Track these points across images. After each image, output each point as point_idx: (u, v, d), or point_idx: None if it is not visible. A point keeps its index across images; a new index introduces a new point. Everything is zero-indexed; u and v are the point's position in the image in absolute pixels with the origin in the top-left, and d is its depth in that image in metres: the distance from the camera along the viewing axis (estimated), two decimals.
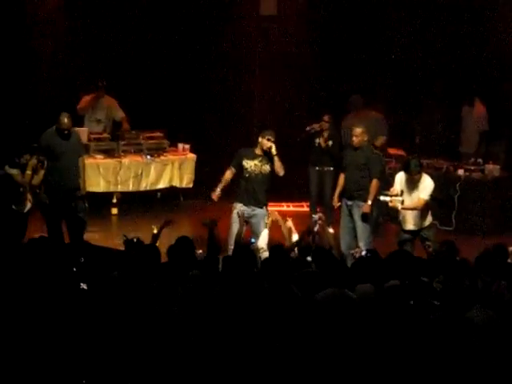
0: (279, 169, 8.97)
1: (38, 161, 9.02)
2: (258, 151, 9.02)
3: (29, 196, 9.02)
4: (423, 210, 8.84)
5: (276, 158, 8.94)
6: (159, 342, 5.05)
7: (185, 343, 5.04)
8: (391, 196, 8.76)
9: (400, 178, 8.95)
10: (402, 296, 5.84)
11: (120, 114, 12.00)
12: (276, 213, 8.64)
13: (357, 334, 5.17)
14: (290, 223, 8.19)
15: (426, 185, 8.83)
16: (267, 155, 8.95)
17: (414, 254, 7.62)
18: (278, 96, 12.74)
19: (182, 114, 12.66)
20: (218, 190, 9.03)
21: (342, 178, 9.51)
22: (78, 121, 11.63)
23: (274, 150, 8.92)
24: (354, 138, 9.29)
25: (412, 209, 8.80)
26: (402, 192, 8.73)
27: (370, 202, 9.15)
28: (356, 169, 9.28)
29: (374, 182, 9.21)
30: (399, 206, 8.73)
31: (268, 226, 8.50)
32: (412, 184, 8.82)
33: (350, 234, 9.25)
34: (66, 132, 9.29)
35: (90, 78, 11.91)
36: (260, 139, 9.00)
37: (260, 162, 9.00)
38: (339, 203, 9.50)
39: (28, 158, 9.00)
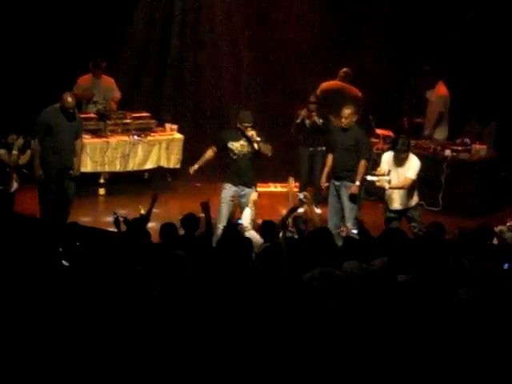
0: (266, 151, 8.98)
1: (24, 140, 9.00)
2: (240, 132, 9.01)
3: (15, 176, 9.00)
4: (410, 189, 8.87)
5: (260, 144, 8.93)
6: (150, 326, 5.06)
7: (175, 326, 5.04)
8: (378, 176, 8.78)
9: (387, 157, 8.98)
10: (390, 273, 5.87)
11: (115, 94, 11.94)
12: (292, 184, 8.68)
13: (344, 313, 5.19)
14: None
15: (413, 164, 8.86)
16: (250, 141, 8.93)
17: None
18: (267, 75, 12.73)
19: (169, 95, 12.64)
20: (196, 166, 9.14)
21: (329, 158, 9.52)
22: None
23: (255, 137, 8.91)
24: (344, 120, 9.28)
25: (399, 188, 8.84)
26: (389, 171, 8.76)
27: (357, 183, 9.18)
28: (344, 150, 9.29)
29: (363, 163, 9.23)
30: (386, 186, 8.76)
31: (251, 204, 8.51)
32: (399, 163, 8.85)
33: (338, 215, 9.28)
34: (71, 111, 9.29)
35: (84, 61, 11.83)
36: (239, 125, 8.97)
37: (246, 141, 9.00)
38: (327, 184, 9.52)
39: (14, 137, 8.97)
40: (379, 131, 11.69)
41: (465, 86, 11.77)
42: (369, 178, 8.97)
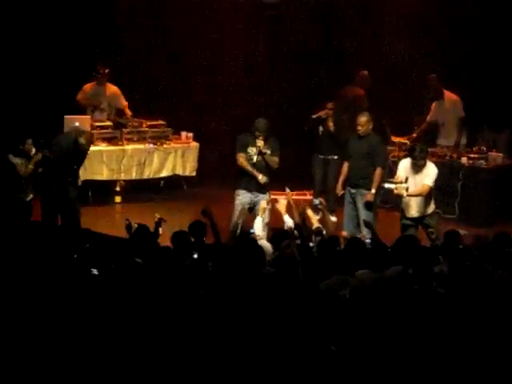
0: (272, 164, 8.98)
1: (42, 156, 9.06)
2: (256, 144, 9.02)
3: (30, 187, 9.07)
4: (427, 197, 8.84)
5: (266, 156, 8.92)
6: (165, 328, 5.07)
7: (189, 330, 5.05)
8: (396, 183, 8.76)
9: (404, 164, 8.95)
10: (404, 282, 5.85)
11: (122, 102, 11.98)
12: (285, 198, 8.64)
13: (358, 321, 5.18)
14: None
15: (430, 171, 8.84)
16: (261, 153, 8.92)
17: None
18: (283, 83, 12.74)
19: (185, 103, 12.67)
20: (261, 175, 8.93)
21: (345, 166, 9.51)
22: (80, 111, 11.65)
23: (262, 149, 8.92)
24: (360, 127, 9.27)
25: (416, 195, 8.80)
26: (406, 179, 8.73)
27: (373, 191, 9.15)
28: (360, 157, 9.28)
29: (378, 171, 9.21)
30: (404, 194, 8.72)
31: (261, 212, 8.47)
32: (416, 171, 8.82)
33: (353, 222, 9.25)
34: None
35: (92, 66, 11.88)
36: (252, 131, 8.97)
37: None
38: (343, 191, 9.51)
39: (33, 150, 9.02)
40: (395, 139, 11.67)
41: (475, 94, 11.75)
42: (386, 185, 8.94)
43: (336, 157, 10.54)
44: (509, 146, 11.63)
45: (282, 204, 8.46)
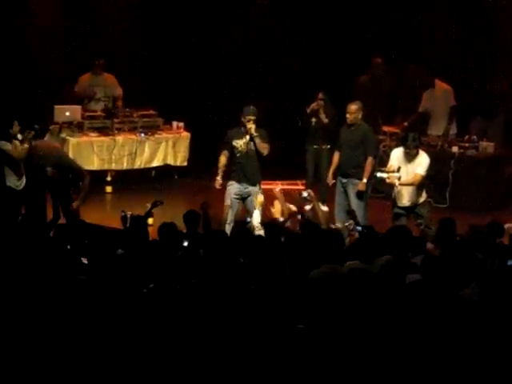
0: (262, 149, 8.94)
1: (34, 132, 8.94)
2: (244, 129, 8.99)
3: (23, 170, 8.95)
4: (419, 186, 8.85)
5: (257, 140, 8.90)
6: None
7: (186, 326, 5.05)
8: (388, 172, 8.76)
9: (396, 154, 8.95)
10: (395, 271, 5.86)
11: (117, 91, 11.95)
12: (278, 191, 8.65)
13: (351, 311, 5.19)
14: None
15: (423, 160, 8.84)
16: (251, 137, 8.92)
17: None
18: (274, 73, 12.72)
19: (176, 92, 12.64)
20: (219, 178, 8.96)
21: (336, 155, 9.51)
22: (77, 102, 11.62)
23: (253, 131, 8.89)
24: (349, 115, 9.26)
25: (409, 184, 8.81)
26: (399, 168, 8.74)
27: (365, 180, 9.16)
28: (351, 146, 9.28)
29: (370, 160, 9.21)
30: (396, 183, 8.73)
31: (258, 205, 8.49)
32: (408, 160, 8.82)
33: (345, 212, 9.25)
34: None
35: (87, 58, 11.86)
36: (242, 119, 8.97)
37: (248, 140, 8.98)
38: (333, 181, 9.51)
39: (23, 131, 8.91)
40: (386, 128, 11.68)
41: (466, 82, 11.77)
42: (378, 174, 8.94)
43: (328, 147, 10.54)
44: (500, 135, 11.65)
45: (258, 199, 8.51)
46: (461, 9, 12.00)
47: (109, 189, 11.47)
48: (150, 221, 8.03)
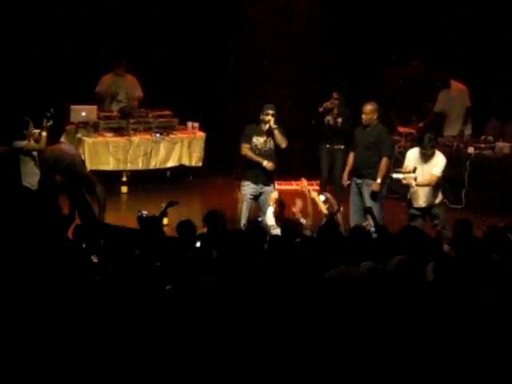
0: (281, 141, 8.99)
1: (50, 119, 8.94)
2: (264, 127, 9.02)
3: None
4: (435, 186, 8.82)
5: (276, 131, 8.94)
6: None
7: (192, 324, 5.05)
8: (404, 173, 8.75)
9: (412, 154, 8.93)
10: (409, 272, 5.83)
11: (137, 93, 11.98)
12: (305, 184, 8.67)
13: (366, 310, 5.17)
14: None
15: (439, 160, 8.82)
16: (269, 130, 8.94)
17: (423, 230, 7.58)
18: (289, 74, 12.71)
19: (191, 93, 12.65)
20: (266, 161, 8.91)
21: (351, 156, 9.49)
22: (98, 103, 11.66)
23: (272, 123, 8.93)
24: (364, 116, 9.25)
25: (425, 185, 8.78)
26: (415, 169, 8.72)
27: (379, 181, 9.13)
28: (366, 147, 9.25)
29: (384, 161, 9.18)
30: (413, 183, 8.71)
31: (272, 202, 8.50)
32: (425, 160, 8.80)
33: (359, 212, 9.23)
34: None
35: (107, 59, 11.89)
36: (261, 116, 9.00)
37: (268, 137, 9.02)
38: (348, 181, 9.49)
39: (45, 123, 8.92)
40: (401, 129, 11.65)
41: (482, 83, 11.72)
42: (394, 175, 8.93)
43: (342, 146, 10.53)
44: None
45: (272, 196, 8.53)
46: (476, 8, 11.95)
47: (124, 189, 11.49)
48: (165, 221, 8.05)
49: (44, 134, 8.91)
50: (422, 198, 8.86)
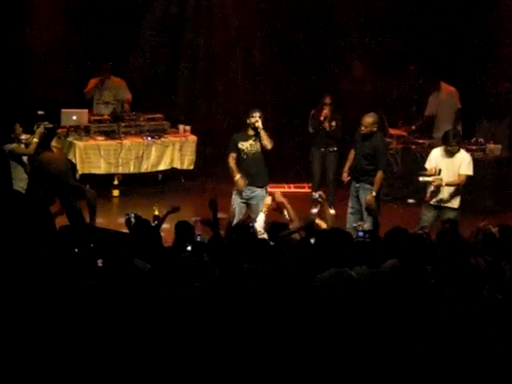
0: (266, 142, 9.01)
1: (44, 129, 8.91)
2: (249, 132, 9.06)
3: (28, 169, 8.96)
4: (458, 188, 8.85)
5: (262, 132, 8.98)
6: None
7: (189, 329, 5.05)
8: (431, 176, 8.78)
9: (435, 154, 8.96)
10: (401, 276, 5.84)
11: (126, 96, 11.98)
12: (279, 194, 8.62)
13: (359, 313, 5.17)
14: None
15: (464, 157, 8.87)
16: (256, 132, 8.96)
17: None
18: (281, 76, 12.73)
19: (182, 97, 12.66)
20: (239, 176, 8.96)
21: (352, 153, 9.48)
22: (87, 104, 11.65)
23: (259, 124, 8.96)
24: (363, 128, 9.24)
25: (455, 185, 8.84)
26: (439, 171, 8.75)
27: (374, 194, 9.12)
28: (363, 157, 9.28)
29: (379, 174, 9.17)
30: (443, 184, 8.75)
31: (264, 210, 8.48)
32: (448, 157, 8.82)
33: (355, 215, 9.26)
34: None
35: (96, 62, 11.89)
36: (248, 120, 9.03)
37: (254, 141, 9.06)
38: (348, 178, 9.48)
39: (37, 126, 8.89)
40: (393, 131, 11.67)
41: (472, 85, 11.76)
42: (421, 178, 8.95)
43: (335, 149, 10.55)
44: (507, 138, 11.64)
45: (265, 202, 8.52)
46: (465, 10, 11.99)
47: (116, 192, 11.48)
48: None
49: (35, 140, 8.89)
50: (445, 195, 8.84)
